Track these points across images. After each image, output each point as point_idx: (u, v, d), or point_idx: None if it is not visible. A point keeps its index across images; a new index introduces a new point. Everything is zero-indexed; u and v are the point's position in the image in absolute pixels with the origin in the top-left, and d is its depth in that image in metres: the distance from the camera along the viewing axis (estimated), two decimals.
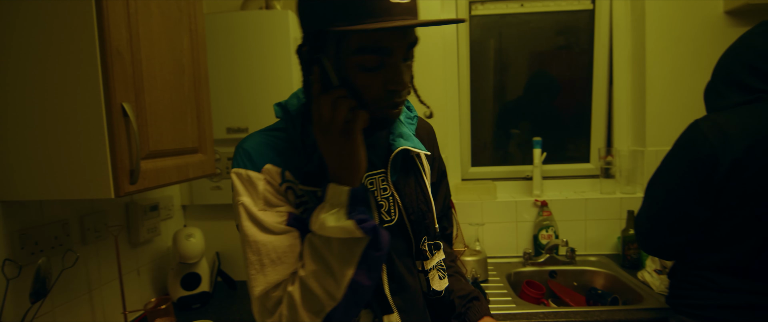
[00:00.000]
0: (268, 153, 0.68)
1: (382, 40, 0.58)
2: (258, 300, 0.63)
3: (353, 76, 0.60)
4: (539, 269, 1.61)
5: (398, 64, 0.60)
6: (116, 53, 0.85)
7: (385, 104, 0.63)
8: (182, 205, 1.62)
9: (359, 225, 0.57)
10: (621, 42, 1.80)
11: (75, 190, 0.85)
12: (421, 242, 0.75)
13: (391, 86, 0.61)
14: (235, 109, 1.49)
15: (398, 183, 0.74)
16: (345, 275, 0.59)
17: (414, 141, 0.75)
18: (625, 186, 1.77)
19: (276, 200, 0.65)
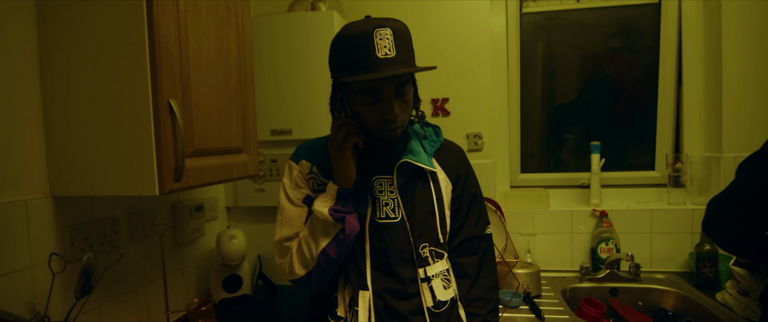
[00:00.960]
0: (307, 152, 0.94)
1: (373, 85, 0.80)
2: (276, 245, 0.92)
3: (359, 110, 0.84)
4: (598, 286, 1.47)
5: (390, 100, 0.81)
6: (164, 50, 0.85)
7: (384, 128, 0.84)
8: (226, 207, 1.63)
9: (331, 214, 0.81)
10: (692, 38, 1.63)
11: (122, 186, 0.85)
12: (420, 247, 0.88)
13: (385, 116, 0.82)
14: (279, 111, 1.49)
15: (403, 189, 0.90)
16: (320, 244, 0.83)
17: (420, 157, 0.91)
18: (697, 197, 1.59)
19: (301, 184, 0.92)
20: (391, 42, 0.78)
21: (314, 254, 0.83)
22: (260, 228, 1.63)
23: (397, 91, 0.81)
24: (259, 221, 1.64)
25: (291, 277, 0.87)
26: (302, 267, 0.85)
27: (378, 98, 0.80)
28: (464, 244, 0.96)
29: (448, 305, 0.88)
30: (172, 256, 1.31)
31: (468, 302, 0.93)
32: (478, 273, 0.96)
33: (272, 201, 1.54)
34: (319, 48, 1.45)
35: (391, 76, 0.76)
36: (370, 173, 0.90)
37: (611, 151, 1.72)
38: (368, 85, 0.80)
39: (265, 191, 1.56)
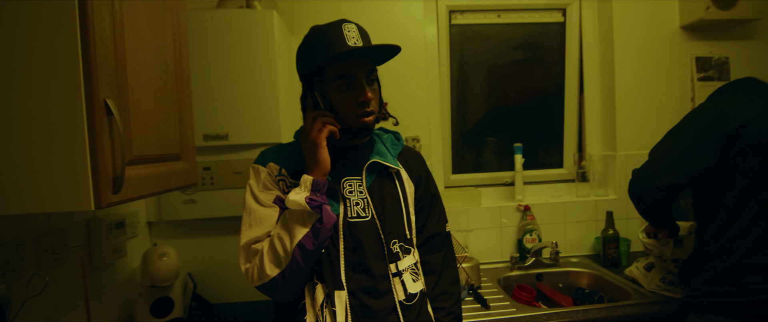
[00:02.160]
0: (274, 156, 0.95)
1: (347, 69, 0.86)
2: (242, 249, 0.88)
3: (333, 98, 0.88)
4: (527, 273, 1.63)
5: (363, 85, 0.88)
6: (99, 42, 0.73)
7: (359, 114, 0.88)
8: (148, 222, 1.45)
9: (308, 202, 0.81)
10: (590, 53, 1.90)
11: (49, 202, 0.71)
12: (391, 243, 0.92)
13: (361, 98, 0.87)
14: (214, 114, 1.37)
15: (372, 188, 0.94)
16: (296, 236, 0.81)
17: (387, 158, 0.95)
18: (598, 189, 1.85)
19: (270, 186, 0.91)
20: (358, 34, 0.87)
21: (289, 249, 0.81)
22: (191, 244, 1.48)
23: (368, 77, 0.89)
24: (189, 236, 1.49)
25: (260, 281, 0.83)
26: (275, 267, 0.82)
27: (351, 83, 0.87)
28: (429, 241, 1.01)
29: (418, 298, 0.92)
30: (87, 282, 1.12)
31: (434, 297, 0.99)
32: (442, 269, 1.01)
33: (206, 213, 1.41)
34: (258, 48, 1.37)
35: (364, 57, 0.87)
36: (339, 176, 0.92)
37: (527, 152, 1.92)
38: (343, 70, 0.86)
39: (196, 201, 1.42)
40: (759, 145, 1.00)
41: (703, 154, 1.05)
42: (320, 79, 0.89)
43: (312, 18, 1.65)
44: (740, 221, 1.01)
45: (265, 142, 1.39)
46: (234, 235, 1.48)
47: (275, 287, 0.83)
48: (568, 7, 1.90)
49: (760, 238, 0.98)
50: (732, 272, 1.01)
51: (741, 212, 1.02)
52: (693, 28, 1.79)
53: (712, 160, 1.04)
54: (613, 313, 1.23)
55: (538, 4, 1.89)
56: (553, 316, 1.22)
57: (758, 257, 0.99)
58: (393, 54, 0.91)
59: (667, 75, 1.80)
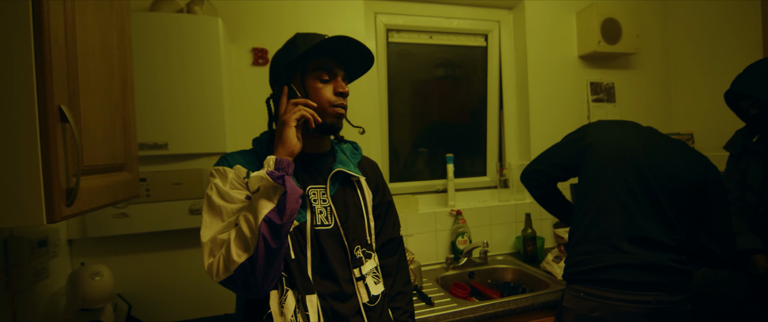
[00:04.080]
0: (240, 159, 0.94)
1: (330, 64, 0.93)
2: (207, 244, 0.83)
3: (312, 88, 0.92)
4: (461, 272, 1.77)
5: (340, 79, 0.94)
6: (54, 43, 0.69)
7: (335, 104, 0.93)
8: (68, 239, 1.30)
9: (270, 175, 0.80)
10: (509, 75, 2.16)
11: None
12: (354, 249, 0.95)
13: (339, 89, 0.93)
14: (152, 122, 1.30)
15: (336, 197, 0.96)
16: (262, 211, 0.79)
17: (349, 166, 1.00)
18: (517, 194, 2.10)
19: (238, 185, 0.89)
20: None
21: (255, 226, 0.77)
22: (120, 262, 1.36)
23: (346, 77, 0.96)
24: (118, 254, 1.37)
25: (226, 272, 0.78)
26: (242, 252, 0.78)
27: (331, 77, 0.93)
28: (385, 245, 1.08)
29: (379, 299, 0.98)
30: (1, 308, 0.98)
31: (391, 297, 1.05)
32: (397, 271, 1.08)
33: (140, 227, 1.31)
34: (202, 55, 1.33)
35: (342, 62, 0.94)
36: (303, 184, 0.94)
37: (455, 161, 2.10)
38: (326, 63, 0.92)
39: (129, 215, 1.32)
40: (598, 154, 1.30)
41: (561, 154, 1.40)
42: (302, 69, 0.92)
43: (253, 27, 1.65)
44: (590, 216, 1.28)
45: (210, 151, 1.35)
46: (172, 250, 1.40)
47: (244, 276, 0.78)
48: (490, 34, 2.14)
49: (603, 233, 1.25)
50: (583, 254, 1.27)
51: (587, 205, 1.30)
52: (588, 58, 2.14)
53: (567, 160, 1.38)
54: (537, 300, 1.42)
55: (464, 29, 2.09)
56: (490, 307, 1.37)
57: (591, 237, 1.27)
58: (365, 68, 1.00)
59: (570, 96, 2.12)
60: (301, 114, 0.86)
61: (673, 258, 1.20)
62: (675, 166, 1.24)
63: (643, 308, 1.16)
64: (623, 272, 1.19)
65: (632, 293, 1.17)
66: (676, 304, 1.19)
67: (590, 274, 1.23)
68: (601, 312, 1.18)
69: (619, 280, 1.18)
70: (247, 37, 1.65)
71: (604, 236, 1.24)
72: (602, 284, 1.20)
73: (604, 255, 1.22)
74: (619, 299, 1.18)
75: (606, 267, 1.20)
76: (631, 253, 1.19)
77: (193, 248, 1.40)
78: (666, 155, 1.26)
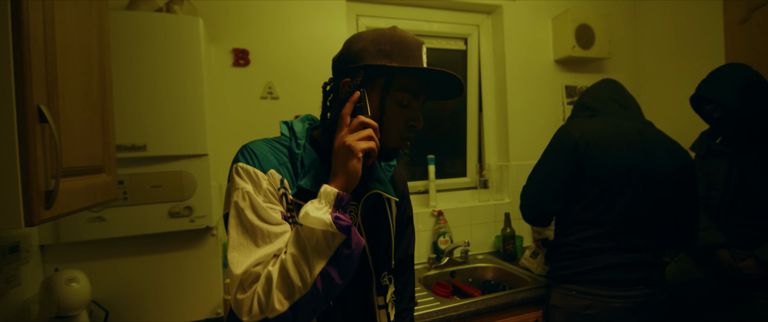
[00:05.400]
0: (272, 160, 0.77)
1: (417, 88, 0.78)
2: (238, 278, 0.67)
3: (388, 108, 0.77)
4: (442, 271, 1.80)
5: (419, 109, 0.80)
6: (33, 41, 0.67)
7: (403, 136, 0.80)
8: (40, 245, 1.25)
9: (336, 221, 0.65)
10: (488, 78, 2.21)
11: None
12: (381, 276, 0.85)
13: (411, 122, 0.79)
14: (130, 123, 1.26)
15: (366, 219, 0.85)
16: (318, 264, 0.66)
17: (387, 186, 0.87)
18: (496, 194, 2.14)
19: (274, 199, 0.73)
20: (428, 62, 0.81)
21: (309, 279, 0.65)
22: (96, 267, 1.32)
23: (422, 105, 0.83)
24: (93, 259, 1.32)
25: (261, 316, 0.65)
26: (286, 298, 0.65)
27: (411, 103, 0.78)
28: (401, 263, 0.98)
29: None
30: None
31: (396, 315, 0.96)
32: (404, 289, 1.01)
33: (117, 231, 1.28)
34: (182, 55, 1.31)
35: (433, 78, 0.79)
36: None
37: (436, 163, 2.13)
38: (414, 85, 0.77)
39: (105, 219, 1.28)
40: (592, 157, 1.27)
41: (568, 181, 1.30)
42: (387, 82, 0.76)
43: (234, 28, 1.63)
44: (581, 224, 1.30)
45: (190, 153, 1.33)
46: (151, 254, 1.37)
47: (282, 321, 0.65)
48: (469, 37, 2.18)
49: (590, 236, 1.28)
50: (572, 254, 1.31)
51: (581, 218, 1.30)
52: (563, 62, 2.21)
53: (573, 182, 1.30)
54: (517, 297, 1.46)
55: (445, 33, 2.13)
56: (472, 305, 1.40)
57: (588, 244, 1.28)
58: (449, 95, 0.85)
59: (546, 98, 2.19)
60: (371, 148, 0.71)
61: (653, 254, 1.28)
62: (666, 168, 1.27)
63: (631, 302, 1.23)
64: (615, 271, 1.24)
65: (622, 290, 1.23)
66: (657, 295, 1.27)
67: (584, 275, 1.27)
68: (595, 310, 1.23)
69: (612, 279, 1.24)
70: (228, 38, 1.63)
71: (596, 236, 1.27)
72: (595, 284, 1.25)
73: (598, 256, 1.26)
74: (610, 296, 1.23)
75: (600, 268, 1.25)
76: (622, 253, 1.25)
77: (173, 253, 1.37)
78: (659, 158, 1.27)
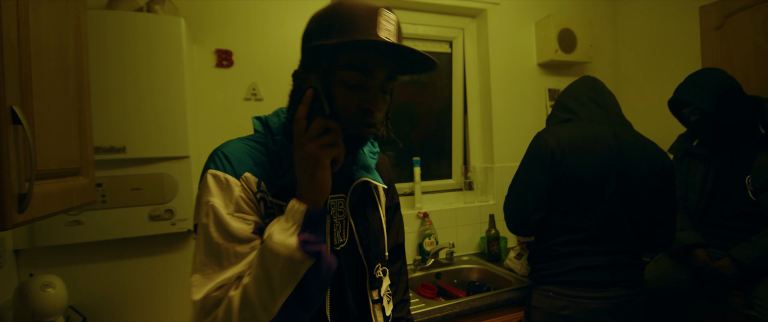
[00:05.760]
0: (247, 162, 0.70)
1: (367, 61, 0.67)
2: (198, 304, 0.62)
3: (336, 93, 0.68)
4: (428, 273, 1.81)
5: (376, 88, 0.69)
6: (7, 42, 0.66)
7: (358, 121, 0.69)
8: (15, 249, 1.22)
9: (303, 247, 0.59)
10: (472, 81, 2.23)
11: None
12: (374, 269, 0.80)
13: (366, 105, 0.68)
14: (108, 124, 1.24)
15: (355, 210, 0.80)
16: (283, 293, 0.60)
17: (374, 174, 0.83)
18: (481, 196, 2.16)
19: (247, 208, 0.67)
20: (395, 29, 0.69)
21: (272, 308, 0.59)
22: (72, 272, 1.29)
23: (386, 82, 0.70)
24: (69, 264, 1.30)
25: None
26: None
27: (363, 83, 0.68)
28: (392, 252, 0.95)
29: (392, 319, 0.85)
30: None
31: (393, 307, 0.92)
32: (399, 279, 0.97)
33: (95, 235, 1.25)
34: (164, 56, 1.29)
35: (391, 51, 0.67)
36: None
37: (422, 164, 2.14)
38: (360, 59, 0.66)
39: (82, 222, 1.25)
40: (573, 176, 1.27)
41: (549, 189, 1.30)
42: (329, 61, 0.68)
43: (217, 28, 1.62)
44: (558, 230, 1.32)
45: (171, 155, 1.31)
46: (130, 259, 1.35)
47: None
48: (454, 41, 2.20)
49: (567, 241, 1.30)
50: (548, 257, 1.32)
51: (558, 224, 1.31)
52: (546, 65, 2.25)
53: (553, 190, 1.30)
54: (501, 298, 1.48)
55: (430, 35, 2.15)
56: (456, 306, 1.41)
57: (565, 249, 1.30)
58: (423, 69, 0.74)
59: (529, 101, 2.22)
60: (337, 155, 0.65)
61: (630, 256, 1.30)
62: (643, 171, 1.27)
63: (606, 303, 1.24)
64: (590, 273, 1.26)
65: (597, 291, 1.25)
66: (633, 296, 1.28)
67: (559, 276, 1.29)
68: (570, 310, 1.25)
69: (587, 280, 1.25)
70: (211, 38, 1.61)
71: (573, 241, 1.28)
72: (571, 285, 1.27)
73: (573, 258, 1.28)
74: (585, 296, 1.25)
75: (575, 269, 1.27)
76: (597, 255, 1.27)
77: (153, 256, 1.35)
78: (635, 158, 1.28)
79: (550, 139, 1.31)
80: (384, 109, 0.73)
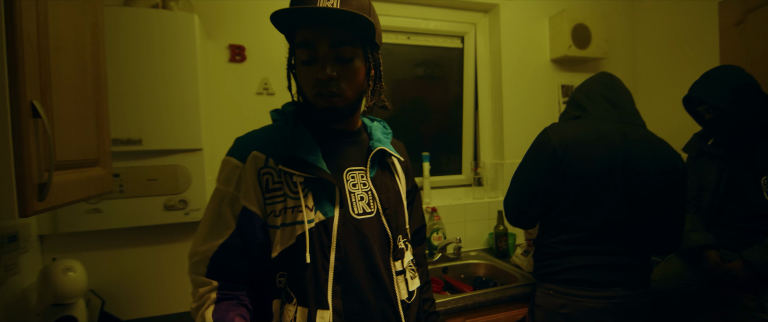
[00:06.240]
0: (258, 142, 0.79)
1: (308, 36, 0.73)
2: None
3: (298, 72, 0.78)
4: (435, 267, 1.82)
5: (324, 58, 0.74)
6: (27, 40, 0.70)
7: (315, 92, 0.75)
8: (39, 235, 1.29)
9: None
10: (484, 77, 2.22)
11: None
12: (397, 238, 0.84)
13: (317, 74, 0.73)
14: (125, 117, 1.29)
15: (375, 180, 0.84)
16: None
17: (389, 146, 0.89)
18: (490, 192, 2.16)
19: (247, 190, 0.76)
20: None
21: None
22: (93, 257, 1.35)
23: (336, 52, 0.73)
24: (90, 250, 1.36)
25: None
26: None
27: (312, 56, 0.73)
28: (415, 235, 1.00)
29: (415, 295, 0.87)
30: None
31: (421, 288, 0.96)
32: (423, 261, 1.01)
33: (114, 223, 1.31)
34: (178, 51, 1.33)
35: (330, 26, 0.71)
36: (343, 166, 0.82)
37: (432, 159, 2.15)
38: (305, 36, 0.73)
39: (102, 211, 1.31)
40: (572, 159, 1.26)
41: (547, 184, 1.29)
42: (291, 43, 0.77)
43: (230, 24, 1.65)
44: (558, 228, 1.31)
45: (185, 148, 1.36)
46: (147, 246, 1.41)
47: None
48: (466, 36, 2.19)
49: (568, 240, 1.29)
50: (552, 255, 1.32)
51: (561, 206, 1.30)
52: (559, 61, 2.22)
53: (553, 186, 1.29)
54: (506, 293, 1.48)
55: (441, 31, 2.14)
56: (460, 300, 1.43)
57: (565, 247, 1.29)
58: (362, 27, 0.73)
59: (542, 98, 2.20)
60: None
61: (633, 256, 1.27)
62: (650, 164, 1.24)
63: (606, 303, 1.23)
64: (590, 272, 1.25)
65: (597, 291, 1.24)
66: (636, 297, 1.26)
67: (559, 274, 1.29)
68: (569, 309, 1.25)
69: (586, 280, 1.25)
70: (224, 34, 1.65)
71: (574, 240, 1.28)
72: (570, 284, 1.26)
73: (573, 257, 1.27)
74: (584, 296, 1.24)
75: (575, 268, 1.26)
76: (598, 255, 1.25)
77: (167, 244, 1.41)
78: (643, 156, 1.25)
79: (553, 135, 1.30)
80: (347, 78, 0.76)
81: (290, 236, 0.75)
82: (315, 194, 0.77)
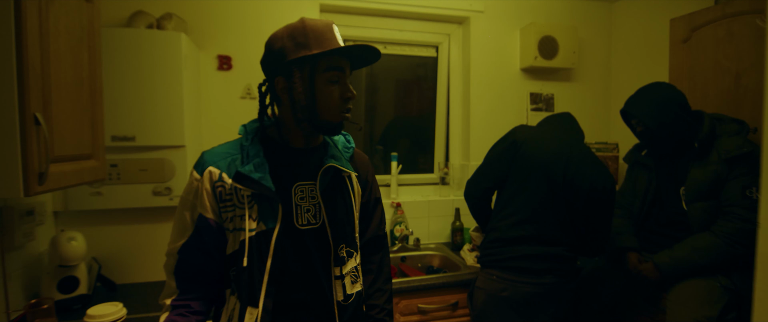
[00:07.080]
0: (215, 158, 0.92)
1: (339, 63, 0.89)
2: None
3: (321, 89, 0.88)
4: (396, 256, 2.04)
5: (348, 82, 0.91)
6: (31, 70, 0.96)
7: (342, 109, 0.91)
8: (54, 211, 1.60)
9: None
10: (455, 84, 2.39)
11: None
12: (339, 248, 0.94)
13: (347, 94, 0.90)
14: (122, 118, 1.57)
15: (325, 194, 0.93)
16: None
17: (343, 162, 0.97)
18: (456, 191, 2.35)
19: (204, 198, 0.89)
20: (341, 38, 0.90)
21: None
22: (96, 231, 1.65)
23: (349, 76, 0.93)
24: (94, 225, 1.66)
25: None
26: None
27: (340, 78, 0.89)
28: (370, 243, 1.07)
29: (354, 298, 0.96)
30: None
31: (368, 295, 1.05)
32: (378, 269, 1.07)
33: (112, 204, 1.59)
34: (166, 64, 1.59)
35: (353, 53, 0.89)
36: (291, 181, 0.92)
37: (409, 158, 2.35)
38: (335, 62, 0.87)
39: (102, 194, 1.60)
40: (523, 159, 1.50)
41: (501, 166, 1.55)
42: (311, 67, 0.86)
43: (219, 36, 1.91)
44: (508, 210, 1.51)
45: (170, 144, 1.62)
46: (138, 224, 1.69)
47: None
48: (440, 46, 2.37)
49: (515, 223, 1.49)
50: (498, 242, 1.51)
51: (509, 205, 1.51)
52: (528, 70, 2.36)
53: (505, 169, 1.54)
54: (451, 279, 1.70)
55: (417, 41, 2.33)
56: (413, 282, 1.65)
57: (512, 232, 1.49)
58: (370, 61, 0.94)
59: (510, 105, 2.36)
60: None
61: (565, 249, 1.47)
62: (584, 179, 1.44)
63: (541, 288, 1.44)
64: (529, 261, 1.45)
65: (534, 278, 1.44)
66: (565, 284, 1.47)
67: (504, 262, 1.48)
68: (509, 292, 1.45)
69: (527, 267, 1.45)
70: (213, 45, 1.91)
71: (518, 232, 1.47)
72: (513, 270, 1.46)
73: (517, 247, 1.47)
74: (524, 281, 1.45)
75: (518, 257, 1.46)
76: (538, 246, 1.45)
77: (154, 224, 1.70)
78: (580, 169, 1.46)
79: (519, 130, 1.59)
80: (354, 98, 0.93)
81: (235, 241, 0.89)
82: (260, 206, 0.88)
